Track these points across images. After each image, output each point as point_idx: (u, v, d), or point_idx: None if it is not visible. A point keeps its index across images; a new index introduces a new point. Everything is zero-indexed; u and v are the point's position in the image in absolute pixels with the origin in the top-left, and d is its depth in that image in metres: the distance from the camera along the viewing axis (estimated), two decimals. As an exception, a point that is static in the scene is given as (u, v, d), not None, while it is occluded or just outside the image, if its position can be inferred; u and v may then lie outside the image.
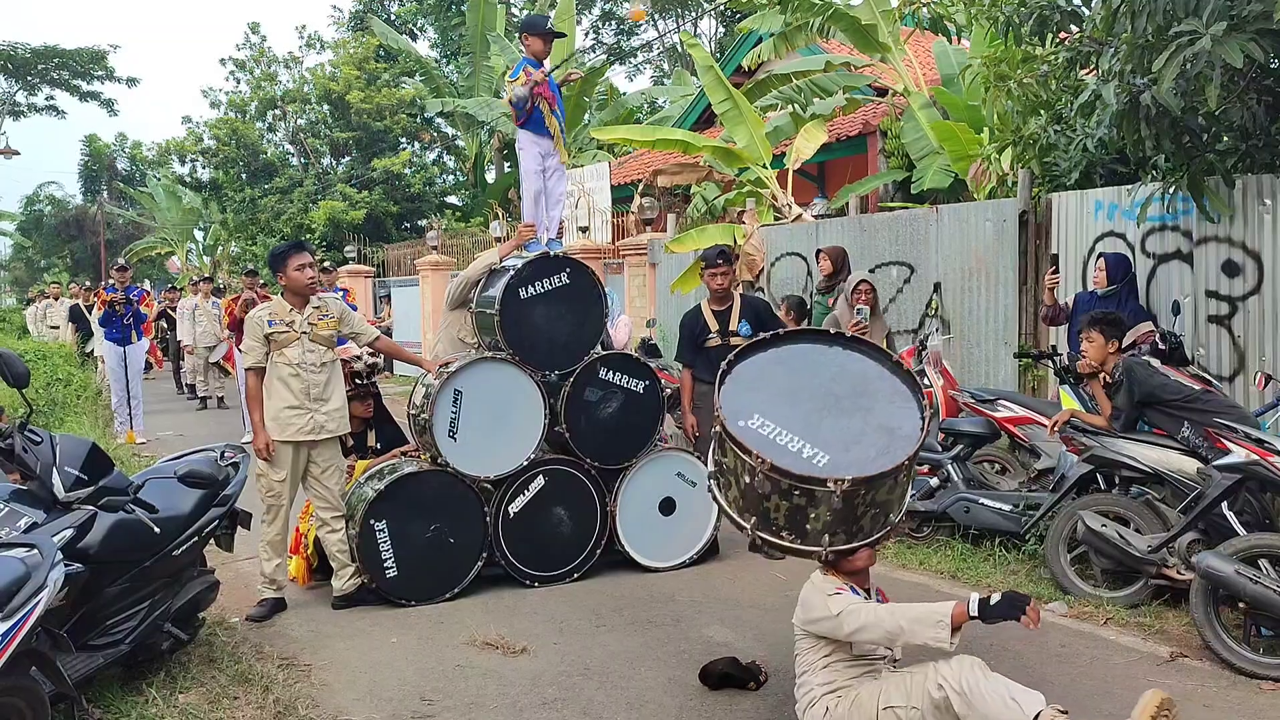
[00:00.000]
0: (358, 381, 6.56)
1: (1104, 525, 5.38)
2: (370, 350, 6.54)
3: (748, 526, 3.74)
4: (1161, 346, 5.84)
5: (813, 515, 3.60)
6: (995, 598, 3.36)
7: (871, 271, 9.16)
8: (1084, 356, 5.86)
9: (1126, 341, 5.91)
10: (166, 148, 31.85)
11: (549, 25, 6.62)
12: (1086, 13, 6.51)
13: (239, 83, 29.45)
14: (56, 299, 20.69)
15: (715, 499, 3.93)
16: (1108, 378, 5.76)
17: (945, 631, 3.31)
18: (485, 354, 6.05)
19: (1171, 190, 6.50)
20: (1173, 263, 7.01)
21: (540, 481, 6.09)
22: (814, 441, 3.65)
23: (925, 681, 3.39)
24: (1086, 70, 6.90)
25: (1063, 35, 6.88)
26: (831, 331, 4.18)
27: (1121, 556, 5.32)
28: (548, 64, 6.54)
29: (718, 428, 3.74)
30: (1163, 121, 5.74)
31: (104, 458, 4.39)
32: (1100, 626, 5.17)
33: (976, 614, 3.34)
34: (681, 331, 6.81)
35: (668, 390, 6.81)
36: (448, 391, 5.84)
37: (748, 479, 3.64)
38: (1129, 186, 7.09)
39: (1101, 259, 6.84)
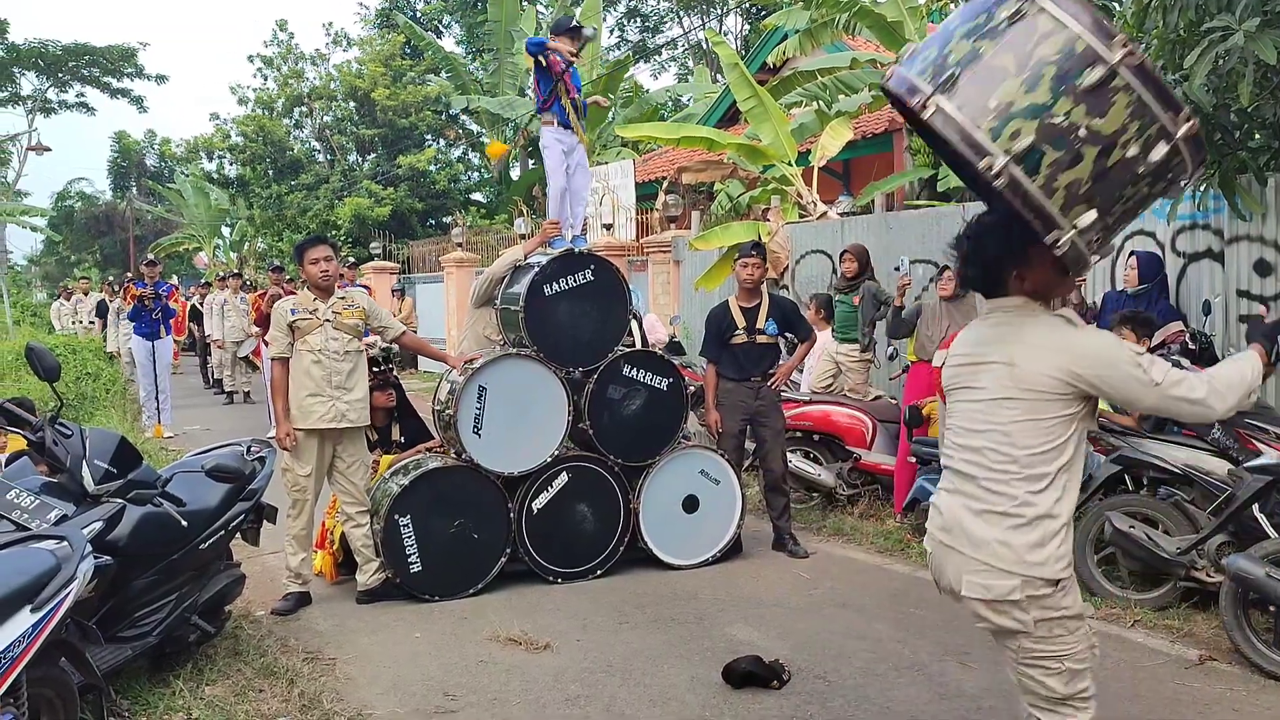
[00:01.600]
0: (374, 369, 6.57)
1: (1132, 526, 5.33)
2: (383, 341, 6.55)
3: (1070, 228, 2.52)
4: (1191, 346, 5.78)
5: (1165, 189, 2.64)
6: None
7: (896, 269, 9.10)
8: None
9: (1156, 341, 5.85)
10: (194, 144, 32.12)
11: (575, 24, 6.61)
12: (1117, 8, 6.44)
13: (266, 79, 29.63)
14: (86, 294, 20.94)
15: (1020, 186, 2.49)
16: (1137, 377, 5.69)
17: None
18: (510, 350, 6.06)
19: (1202, 188, 6.41)
20: (1203, 261, 6.93)
21: (564, 478, 6.09)
22: None
23: None
24: (1116, 67, 6.82)
25: (1092, 31, 6.80)
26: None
27: (1150, 558, 5.27)
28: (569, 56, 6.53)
29: (1108, 70, 2.44)
30: (1194, 118, 5.66)
31: (133, 451, 4.43)
32: (1128, 629, 5.12)
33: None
34: (708, 327, 6.80)
35: (691, 388, 6.80)
36: (472, 387, 5.85)
37: (1135, 150, 2.49)
38: (1159, 184, 7.00)
39: (1133, 257, 6.76)
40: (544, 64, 6.33)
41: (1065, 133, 2.49)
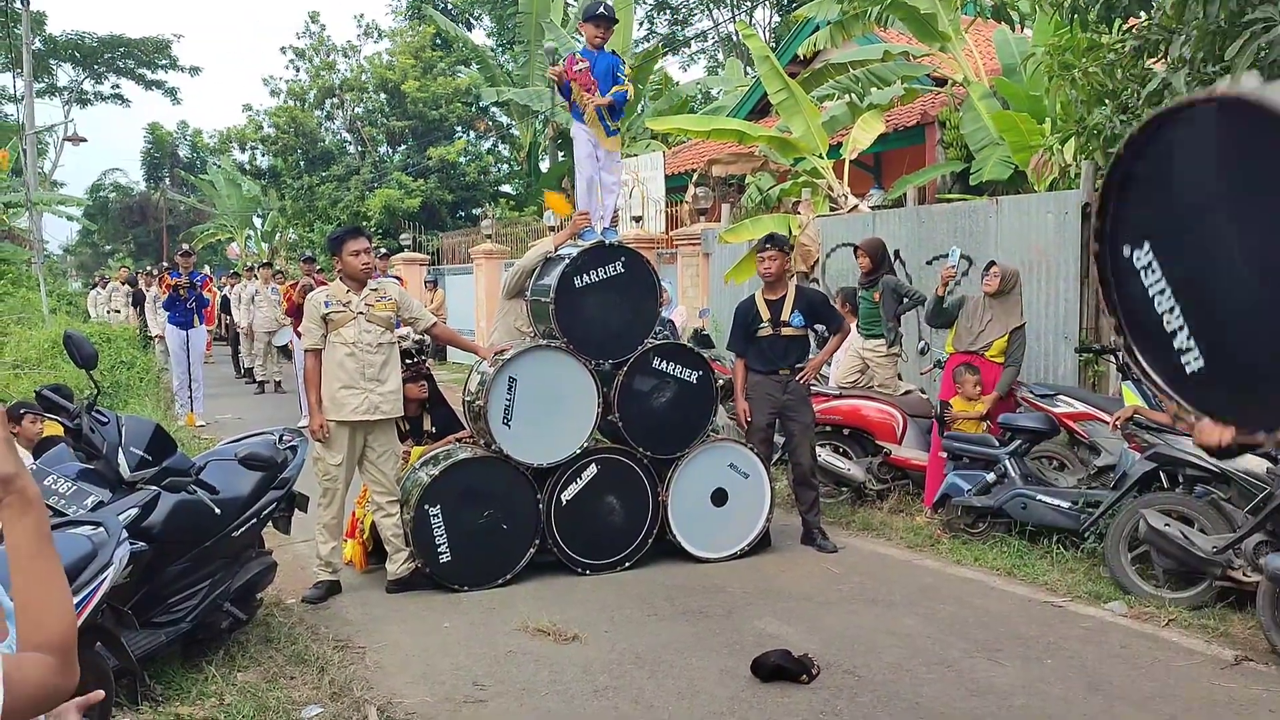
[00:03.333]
0: (407, 361, 6.61)
1: (1167, 525, 5.26)
2: (415, 333, 6.56)
3: None
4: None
5: None
6: None
7: (929, 263, 9.05)
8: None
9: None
10: (227, 135, 32.32)
11: (599, 10, 6.52)
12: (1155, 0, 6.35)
13: (298, 71, 29.77)
14: (123, 283, 21.21)
15: None
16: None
17: None
18: (540, 342, 6.06)
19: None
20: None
21: (593, 470, 6.10)
22: None
23: None
24: (1154, 60, 6.72)
25: (1130, 22, 6.71)
26: None
27: (1185, 557, 5.21)
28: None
29: None
30: (1235, 111, 5.57)
31: (168, 439, 4.49)
32: (1162, 628, 5.06)
33: None
34: (735, 320, 6.77)
35: (720, 381, 6.78)
36: (502, 379, 5.86)
37: None
38: (1197, 178, 6.89)
39: None
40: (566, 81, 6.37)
41: None
